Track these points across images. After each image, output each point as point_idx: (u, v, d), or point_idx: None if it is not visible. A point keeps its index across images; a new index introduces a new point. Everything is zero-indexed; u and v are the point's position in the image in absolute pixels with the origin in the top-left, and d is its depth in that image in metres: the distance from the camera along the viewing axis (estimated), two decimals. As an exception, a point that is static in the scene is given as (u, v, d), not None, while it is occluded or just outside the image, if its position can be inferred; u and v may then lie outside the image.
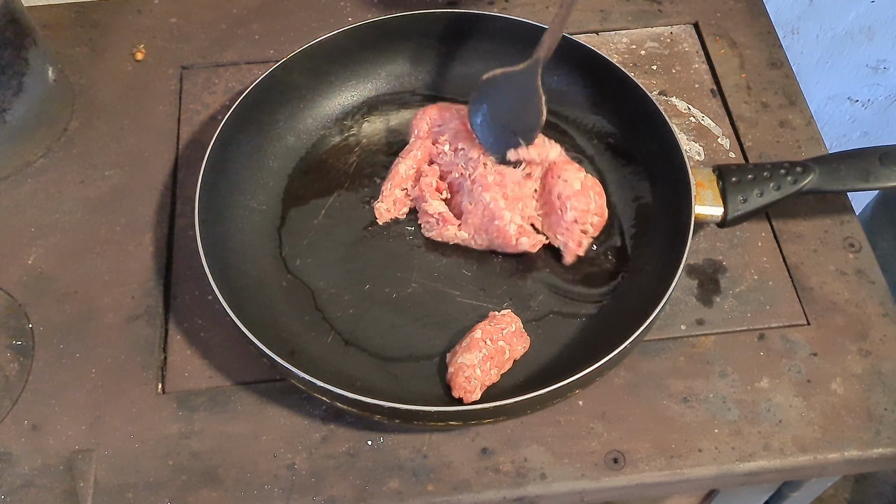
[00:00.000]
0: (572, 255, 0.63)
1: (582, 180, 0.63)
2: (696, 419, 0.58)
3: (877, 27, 1.10)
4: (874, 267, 0.64)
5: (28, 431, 0.57)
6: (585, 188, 0.63)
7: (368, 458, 0.56)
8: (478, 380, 0.56)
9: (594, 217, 0.63)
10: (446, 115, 0.68)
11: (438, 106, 0.69)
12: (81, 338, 0.61)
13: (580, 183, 0.63)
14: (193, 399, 0.58)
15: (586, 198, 0.62)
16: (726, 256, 0.65)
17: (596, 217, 0.63)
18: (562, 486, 0.55)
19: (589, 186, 0.63)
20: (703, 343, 0.61)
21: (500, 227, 0.62)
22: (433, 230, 0.65)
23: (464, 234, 0.64)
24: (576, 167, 0.64)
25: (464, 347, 0.57)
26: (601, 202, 0.64)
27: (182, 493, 0.55)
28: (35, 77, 0.68)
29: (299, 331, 0.60)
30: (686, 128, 0.73)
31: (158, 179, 0.69)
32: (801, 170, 0.61)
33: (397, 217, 0.66)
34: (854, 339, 0.61)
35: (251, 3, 0.81)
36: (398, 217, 0.66)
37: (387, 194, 0.66)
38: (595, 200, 0.63)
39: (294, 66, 0.68)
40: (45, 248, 0.65)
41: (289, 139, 0.70)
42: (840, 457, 0.56)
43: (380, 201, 0.66)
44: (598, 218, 0.63)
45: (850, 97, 1.24)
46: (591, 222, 0.63)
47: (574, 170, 0.64)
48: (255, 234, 0.65)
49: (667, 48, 0.78)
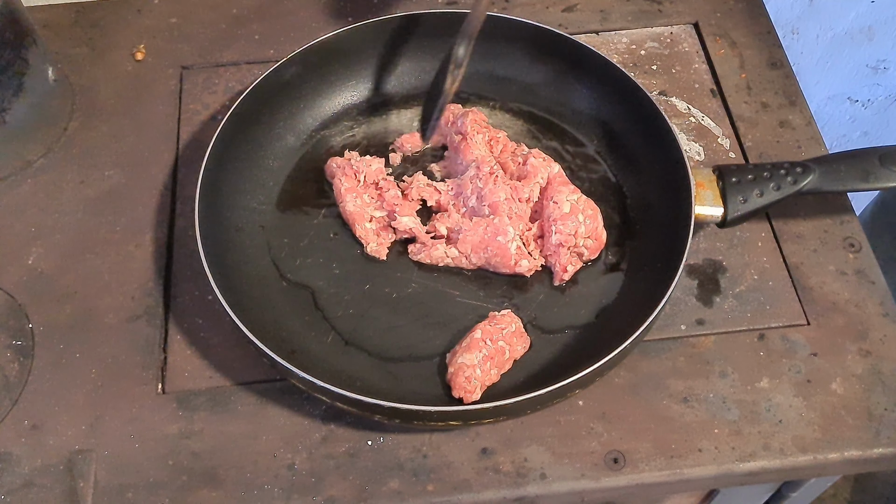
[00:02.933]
0: (558, 278, 0.62)
1: (573, 203, 0.62)
2: (696, 419, 0.58)
3: (877, 27, 1.10)
4: (874, 267, 0.64)
5: (28, 431, 0.57)
6: (574, 211, 0.61)
7: (368, 458, 0.56)
8: (478, 380, 0.56)
9: (587, 240, 0.62)
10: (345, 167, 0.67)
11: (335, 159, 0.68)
12: (81, 338, 0.61)
13: (570, 206, 0.62)
14: (193, 399, 0.58)
15: (574, 221, 0.61)
16: (726, 256, 0.65)
17: (590, 240, 0.62)
18: (562, 486, 0.55)
19: (580, 209, 0.62)
20: (703, 343, 0.61)
21: (502, 245, 0.61)
22: (420, 253, 0.63)
23: (454, 251, 0.62)
24: (570, 189, 0.63)
25: (464, 347, 0.57)
26: (593, 225, 0.62)
27: (182, 494, 0.55)
28: (35, 77, 0.68)
29: (299, 331, 0.60)
30: (686, 128, 0.73)
31: (158, 179, 0.69)
32: (801, 170, 0.61)
33: (397, 240, 0.65)
34: (854, 339, 0.61)
35: (251, 3, 0.81)
36: (398, 239, 0.65)
37: (363, 235, 0.64)
38: (585, 224, 0.61)
39: (294, 66, 0.68)
40: (45, 248, 0.65)
41: (289, 139, 0.70)
42: (840, 457, 0.56)
43: (365, 246, 0.64)
44: (592, 241, 0.62)
45: (850, 97, 1.24)
46: (585, 245, 0.62)
47: (568, 191, 0.63)
48: (255, 234, 0.65)
49: (667, 48, 0.78)
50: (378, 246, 0.64)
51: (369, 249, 0.64)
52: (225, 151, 0.64)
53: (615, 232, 0.65)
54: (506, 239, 0.61)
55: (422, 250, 0.63)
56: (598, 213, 0.63)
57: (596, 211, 0.63)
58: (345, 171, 0.66)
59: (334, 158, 0.68)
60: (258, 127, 0.68)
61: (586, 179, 0.68)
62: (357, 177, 0.66)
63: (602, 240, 0.63)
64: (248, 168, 0.67)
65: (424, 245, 0.63)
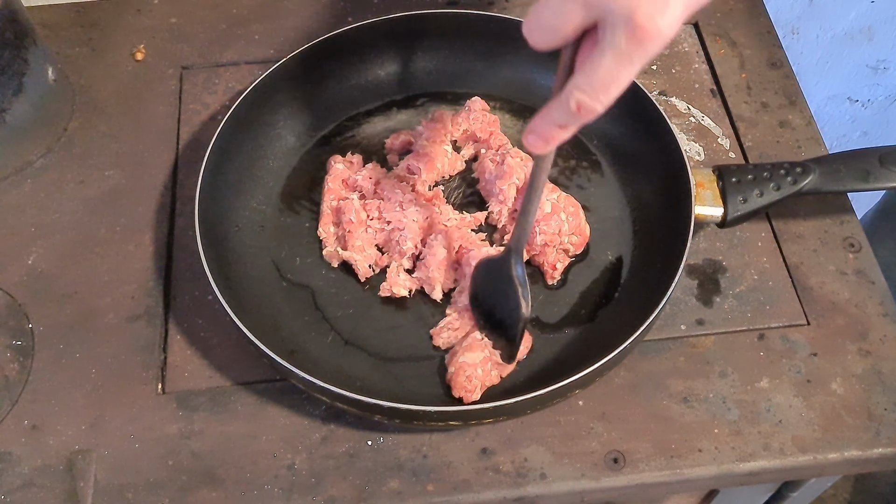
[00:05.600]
0: (549, 277, 0.62)
1: (553, 202, 0.62)
2: (696, 419, 0.58)
3: (877, 27, 1.10)
4: (874, 267, 0.64)
5: (28, 431, 0.57)
6: (556, 210, 0.62)
7: (368, 458, 0.56)
8: (478, 380, 0.56)
9: (571, 237, 0.62)
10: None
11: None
12: (81, 338, 0.61)
13: (551, 205, 0.62)
14: (193, 399, 0.58)
15: (557, 220, 0.61)
16: (726, 256, 0.65)
17: (574, 237, 0.62)
18: (562, 486, 0.55)
19: (560, 207, 0.62)
20: (703, 343, 0.61)
21: None
22: (385, 291, 0.62)
23: (419, 275, 0.61)
24: (549, 188, 0.63)
25: (464, 347, 0.57)
26: (576, 222, 0.62)
27: (182, 494, 0.55)
28: (35, 77, 0.68)
29: (299, 331, 0.60)
30: (686, 128, 0.73)
31: (158, 179, 0.69)
32: (800, 170, 0.61)
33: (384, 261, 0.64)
34: (854, 339, 0.61)
35: (251, 3, 0.81)
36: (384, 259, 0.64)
37: (324, 237, 0.64)
38: (568, 221, 0.61)
39: (294, 65, 0.68)
40: (45, 248, 0.65)
41: (289, 139, 0.70)
42: (840, 457, 0.56)
43: (356, 269, 0.63)
44: (576, 237, 0.62)
45: (850, 97, 1.24)
46: (570, 242, 0.62)
47: (547, 191, 0.62)
48: (254, 234, 0.65)
49: (667, 48, 0.78)
50: (369, 268, 0.63)
51: (325, 252, 0.64)
52: (225, 151, 0.64)
53: (615, 232, 0.65)
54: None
55: (385, 289, 0.62)
56: (579, 208, 0.63)
57: (577, 207, 0.63)
58: (336, 172, 0.66)
59: (335, 157, 0.68)
60: (258, 127, 0.68)
61: (586, 179, 0.68)
62: (346, 182, 0.66)
63: (586, 234, 0.63)
64: (248, 168, 0.67)
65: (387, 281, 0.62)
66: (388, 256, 0.63)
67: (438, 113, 0.70)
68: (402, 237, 0.62)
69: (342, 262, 0.63)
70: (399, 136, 0.70)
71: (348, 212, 0.63)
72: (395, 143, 0.70)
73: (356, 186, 0.65)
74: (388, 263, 0.63)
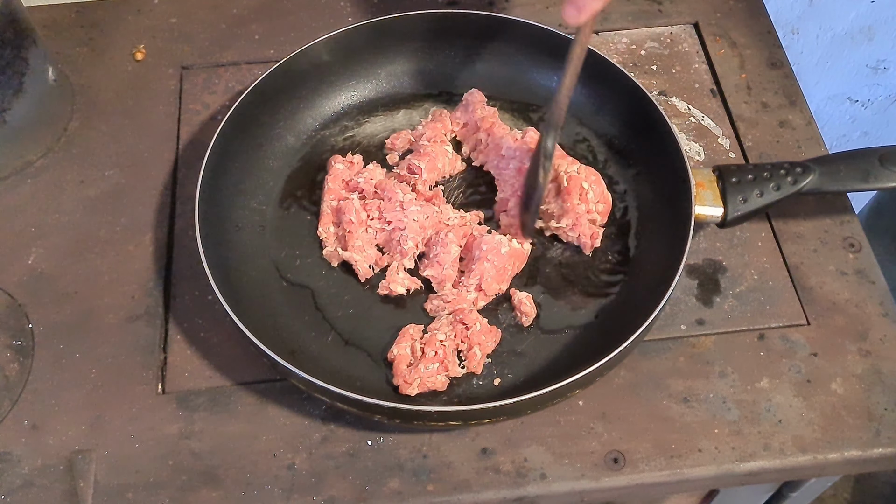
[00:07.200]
0: (589, 248, 0.64)
1: (574, 174, 0.64)
2: (696, 419, 0.58)
3: (877, 27, 1.10)
4: (874, 267, 0.64)
5: (28, 431, 0.57)
6: (578, 179, 0.64)
7: (368, 458, 0.56)
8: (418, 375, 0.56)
9: (598, 205, 0.64)
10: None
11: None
12: (81, 338, 0.61)
13: (572, 177, 0.64)
14: (193, 399, 0.58)
15: (580, 189, 0.63)
16: (726, 256, 0.65)
17: (600, 205, 0.64)
18: (562, 486, 0.55)
19: (582, 178, 0.64)
20: (703, 343, 0.61)
21: None
22: (384, 289, 0.62)
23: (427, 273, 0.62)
24: (568, 161, 0.65)
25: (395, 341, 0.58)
26: (599, 189, 0.64)
27: (182, 494, 0.55)
28: (35, 77, 0.68)
29: (299, 331, 0.60)
30: (686, 128, 0.73)
31: (158, 179, 0.69)
32: (800, 170, 0.61)
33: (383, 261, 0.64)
34: (854, 339, 0.61)
35: (251, 3, 0.81)
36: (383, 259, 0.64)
37: (324, 237, 0.64)
38: (592, 189, 0.63)
39: (294, 66, 0.68)
40: (45, 248, 0.65)
41: (289, 139, 0.70)
42: (840, 457, 0.56)
43: (356, 269, 0.62)
44: (602, 205, 0.64)
45: (850, 97, 1.24)
46: (597, 210, 0.64)
47: (566, 164, 0.65)
48: (254, 234, 0.65)
49: (667, 48, 0.78)
50: (369, 268, 0.63)
51: (325, 252, 0.64)
52: (225, 151, 0.64)
53: (615, 232, 0.65)
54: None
55: (384, 287, 0.62)
56: (599, 177, 0.65)
57: (598, 176, 0.65)
58: (337, 172, 0.66)
59: (336, 157, 0.68)
60: (258, 127, 0.68)
61: (586, 179, 0.68)
62: (346, 182, 0.66)
63: (609, 202, 0.65)
64: (247, 168, 0.67)
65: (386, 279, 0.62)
66: (389, 256, 0.63)
67: (438, 113, 0.70)
68: (404, 237, 0.62)
69: (342, 262, 0.64)
70: (399, 135, 0.70)
71: (348, 212, 0.63)
72: (395, 142, 0.70)
73: (356, 186, 0.65)
74: (389, 263, 0.63)
